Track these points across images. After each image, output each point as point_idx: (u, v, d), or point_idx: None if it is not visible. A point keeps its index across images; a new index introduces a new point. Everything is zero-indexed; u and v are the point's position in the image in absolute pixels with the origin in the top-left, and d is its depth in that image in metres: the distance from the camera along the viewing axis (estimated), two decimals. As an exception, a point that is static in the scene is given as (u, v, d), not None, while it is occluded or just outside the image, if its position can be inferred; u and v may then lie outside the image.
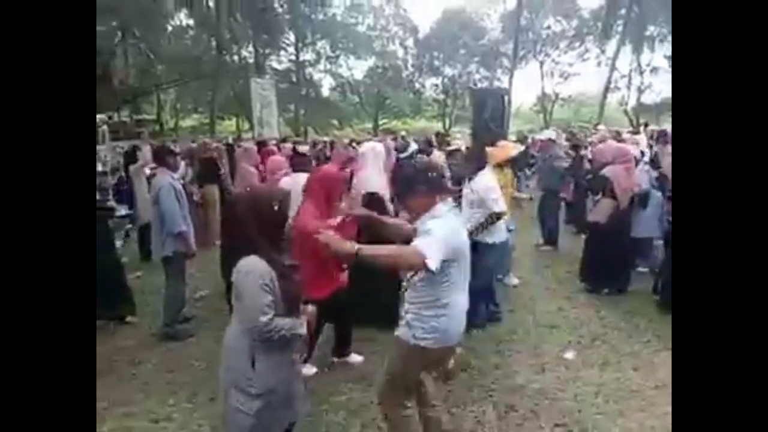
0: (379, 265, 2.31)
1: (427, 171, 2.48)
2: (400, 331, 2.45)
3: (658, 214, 5.57)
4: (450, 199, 2.52)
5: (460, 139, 9.41)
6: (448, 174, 5.00)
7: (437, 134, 11.84)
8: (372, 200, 4.10)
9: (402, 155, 7.46)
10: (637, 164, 5.74)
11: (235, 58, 26.74)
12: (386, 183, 4.44)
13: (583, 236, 5.99)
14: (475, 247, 4.49)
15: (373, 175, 4.36)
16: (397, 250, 2.26)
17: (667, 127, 15.31)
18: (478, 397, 3.40)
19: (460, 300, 2.41)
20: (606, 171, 5.23)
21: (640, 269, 5.75)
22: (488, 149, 5.01)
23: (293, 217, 3.08)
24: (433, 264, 2.10)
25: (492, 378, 3.63)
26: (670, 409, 3.21)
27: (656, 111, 26.95)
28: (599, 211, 5.23)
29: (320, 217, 3.26)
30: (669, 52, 26.37)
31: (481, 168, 4.41)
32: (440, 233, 2.19)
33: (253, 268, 2.00)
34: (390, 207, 4.30)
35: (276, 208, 2.10)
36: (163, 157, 4.49)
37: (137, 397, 3.45)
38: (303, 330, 2.12)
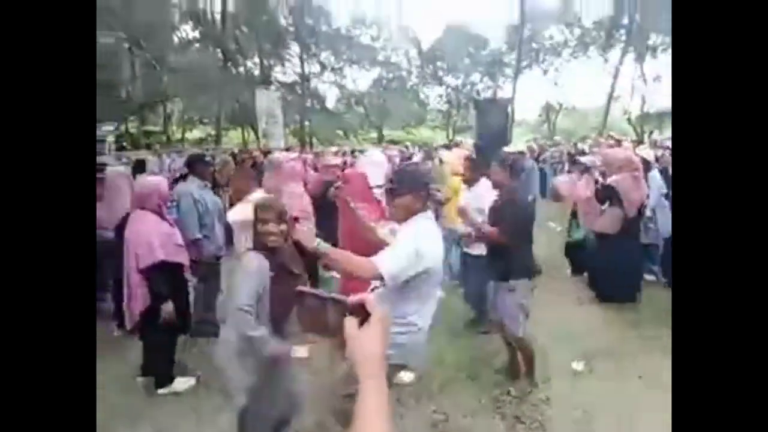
0: (336, 268, 2.35)
1: (416, 174, 2.47)
2: None
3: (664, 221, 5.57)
4: (430, 210, 2.47)
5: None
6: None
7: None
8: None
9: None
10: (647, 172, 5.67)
11: (241, 69, 27.00)
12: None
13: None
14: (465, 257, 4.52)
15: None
16: (354, 258, 2.19)
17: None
18: (486, 407, 3.39)
19: (428, 319, 2.36)
20: (612, 180, 5.19)
21: (647, 277, 5.71)
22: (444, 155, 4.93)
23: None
24: (387, 274, 2.08)
25: (499, 389, 3.61)
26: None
27: (658, 120, 26.90)
28: (607, 221, 5.18)
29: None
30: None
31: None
32: (408, 244, 2.17)
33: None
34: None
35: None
36: (195, 165, 4.64)
37: (143, 407, 3.44)
38: None
